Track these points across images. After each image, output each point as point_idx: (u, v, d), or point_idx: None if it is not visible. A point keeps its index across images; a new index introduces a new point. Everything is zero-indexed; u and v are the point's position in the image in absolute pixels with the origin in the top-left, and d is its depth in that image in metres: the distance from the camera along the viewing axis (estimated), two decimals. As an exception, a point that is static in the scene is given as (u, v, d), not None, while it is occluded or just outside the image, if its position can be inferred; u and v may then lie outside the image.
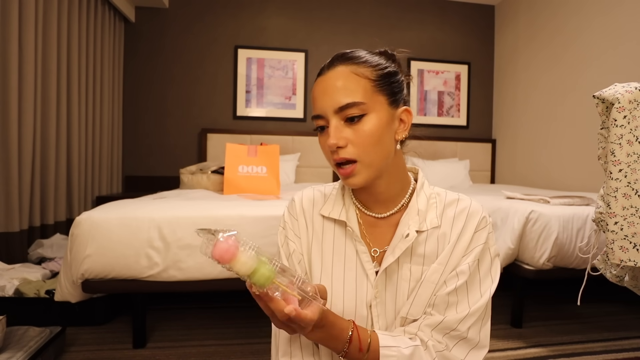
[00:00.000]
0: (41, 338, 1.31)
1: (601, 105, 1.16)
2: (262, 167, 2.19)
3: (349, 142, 0.59)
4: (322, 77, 0.62)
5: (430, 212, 0.66)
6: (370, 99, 0.59)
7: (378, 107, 0.60)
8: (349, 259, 0.66)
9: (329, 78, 0.61)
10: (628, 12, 2.33)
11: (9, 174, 1.93)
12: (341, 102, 0.58)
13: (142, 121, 3.22)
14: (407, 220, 0.65)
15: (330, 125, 0.59)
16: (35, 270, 1.80)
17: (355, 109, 0.58)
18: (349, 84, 0.59)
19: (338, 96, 0.59)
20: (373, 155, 0.60)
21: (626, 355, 1.49)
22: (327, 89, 0.60)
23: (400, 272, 0.65)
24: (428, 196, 0.68)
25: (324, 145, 0.62)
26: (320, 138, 0.63)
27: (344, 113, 0.59)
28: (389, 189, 0.66)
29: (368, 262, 0.65)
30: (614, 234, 1.10)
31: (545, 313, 1.93)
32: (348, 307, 0.64)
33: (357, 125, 0.59)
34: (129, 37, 3.20)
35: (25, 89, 2.02)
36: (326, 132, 0.61)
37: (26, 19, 2.01)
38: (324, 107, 0.60)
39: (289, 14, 3.40)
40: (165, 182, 3.15)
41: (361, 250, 0.66)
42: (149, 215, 1.38)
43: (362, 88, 0.59)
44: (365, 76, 0.60)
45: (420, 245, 0.65)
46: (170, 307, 1.91)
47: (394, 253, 0.64)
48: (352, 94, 0.58)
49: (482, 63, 3.73)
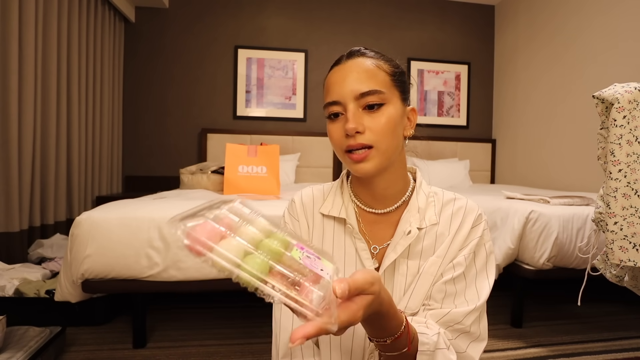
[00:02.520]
0: (41, 338, 1.31)
1: (601, 105, 1.16)
2: (262, 167, 2.19)
3: (367, 129, 0.60)
4: (341, 65, 0.62)
5: (429, 210, 0.67)
6: (388, 90, 0.61)
7: (394, 100, 0.62)
8: (349, 256, 0.67)
9: (349, 66, 0.61)
10: (628, 11, 2.33)
11: (9, 174, 1.93)
12: (363, 88, 0.59)
13: (142, 121, 3.22)
14: (408, 218, 0.66)
15: (348, 110, 0.60)
16: (35, 270, 1.80)
17: (376, 97, 0.59)
18: (372, 73, 0.60)
19: (359, 83, 0.59)
20: (388, 143, 0.61)
21: (626, 355, 1.49)
22: (347, 76, 0.60)
23: (398, 267, 0.66)
24: (427, 194, 0.69)
25: (337, 132, 0.62)
26: (332, 125, 0.63)
27: (365, 100, 0.59)
28: (390, 186, 0.67)
29: (368, 260, 0.66)
30: (613, 234, 1.10)
31: (545, 313, 1.93)
32: None
33: (376, 114, 0.60)
34: (129, 37, 3.20)
35: (25, 89, 2.02)
36: (341, 118, 0.61)
37: (26, 19, 2.01)
38: (343, 92, 0.60)
39: (289, 14, 3.40)
40: (165, 182, 3.15)
41: (360, 247, 0.66)
42: (149, 215, 1.38)
43: (382, 79, 0.61)
44: (384, 69, 0.62)
45: (418, 242, 0.66)
46: (170, 307, 1.91)
47: (396, 250, 0.64)
48: (374, 82, 0.60)
49: (482, 63, 3.73)
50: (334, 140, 0.63)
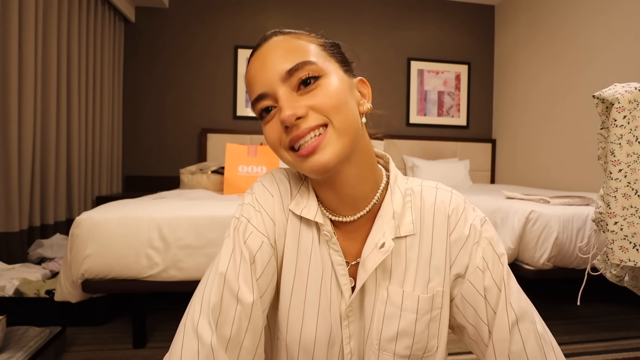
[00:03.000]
0: (41, 338, 1.31)
1: (601, 105, 1.16)
2: (262, 167, 2.19)
3: (310, 109, 0.47)
4: (258, 51, 0.50)
5: (406, 216, 0.54)
6: (322, 61, 0.49)
7: (333, 70, 0.49)
8: (326, 269, 0.54)
9: (267, 48, 0.49)
10: (627, 11, 2.33)
11: (9, 174, 1.93)
12: (287, 65, 0.47)
13: (142, 121, 3.22)
14: (381, 226, 0.53)
15: (279, 98, 0.47)
16: (35, 270, 1.80)
17: (306, 69, 0.47)
18: (295, 47, 0.48)
19: (283, 62, 0.47)
20: (343, 117, 0.47)
21: (626, 355, 1.49)
22: (266, 59, 0.48)
23: (377, 291, 0.53)
24: (403, 193, 0.55)
25: (274, 129, 0.49)
26: (267, 127, 0.50)
27: (296, 77, 0.47)
28: (360, 181, 0.53)
29: (344, 277, 0.54)
30: (613, 234, 1.10)
31: (545, 313, 1.92)
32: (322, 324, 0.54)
33: (315, 89, 0.47)
34: (129, 37, 3.20)
35: (25, 89, 2.02)
36: (274, 111, 0.49)
37: (26, 19, 2.01)
38: (267, 78, 0.47)
39: (289, 14, 3.40)
40: (165, 182, 3.15)
41: (337, 261, 0.54)
42: (149, 215, 1.38)
43: (310, 50, 0.49)
44: (310, 41, 0.50)
45: (398, 257, 0.53)
46: (170, 307, 1.91)
47: (365, 267, 0.51)
48: (300, 54, 0.48)
49: (482, 63, 3.73)
50: (273, 141, 0.49)
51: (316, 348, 0.53)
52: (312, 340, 0.53)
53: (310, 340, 0.53)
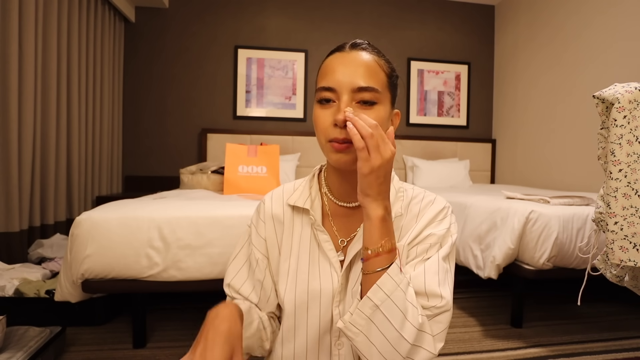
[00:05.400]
0: (41, 338, 1.31)
1: (601, 105, 1.16)
2: (262, 167, 2.19)
3: None
4: (343, 52, 0.62)
5: (397, 204, 0.68)
6: (383, 90, 0.61)
7: (386, 101, 0.62)
8: (313, 247, 0.68)
9: (352, 56, 0.61)
10: (627, 12, 2.33)
11: (9, 174, 1.93)
12: (361, 83, 0.58)
13: (142, 121, 3.22)
14: None
15: (342, 101, 0.59)
16: (35, 270, 1.80)
17: (372, 94, 0.59)
18: (372, 69, 0.60)
19: (359, 77, 0.59)
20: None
21: (626, 355, 1.49)
22: (348, 65, 0.60)
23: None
24: (397, 189, 0.70)
25: (325, 118, 0.60)
26: (321, 111, 0.61)
27: (360, 95, 0.59)
28: None
29: (331, 251, 0.67)
30: (614, 234, 1.10)
31: (545, 313, 1.93)
32: (313, 294, 0.66)
33: (367, 111, 0.59)
34: (129, 37, 3.20)
35: (25, 89, 2.02)
36: (332, 105, 0.60)
37: (26, 19, 2.01)
38: (341, 81, 0.59)
39: (289, 14, 3.40)
40: (165, 182, 3.15)
41: (323, 239, 0.67)
42: (149, 215, 1.38)
43: (380, 78, 0.61)
44: (383, 69, 0.62)
45: None
46: (170, 307, 1.91)
47: (360, 240, 0.64)
48: (373, 80, 0.60)
49: (482, 63, 3.73)
50: (320, 126, 0.61)
51: (310, 301, 0.66)
52: (305, 296, 0.66)
53: (303, 297, 0.66)
